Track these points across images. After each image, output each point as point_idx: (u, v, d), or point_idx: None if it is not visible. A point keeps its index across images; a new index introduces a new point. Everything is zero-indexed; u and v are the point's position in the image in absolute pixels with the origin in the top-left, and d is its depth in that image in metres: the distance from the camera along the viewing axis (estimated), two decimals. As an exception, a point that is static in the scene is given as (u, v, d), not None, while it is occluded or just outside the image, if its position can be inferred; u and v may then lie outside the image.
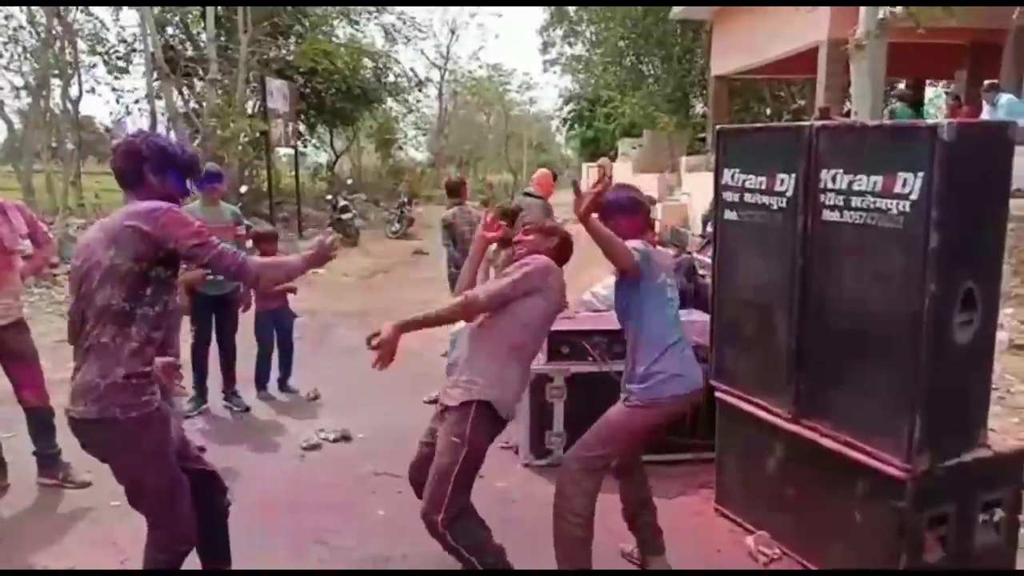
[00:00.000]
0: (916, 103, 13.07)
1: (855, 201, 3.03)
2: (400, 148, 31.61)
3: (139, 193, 2.62)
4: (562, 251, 3.31)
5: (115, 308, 2.45)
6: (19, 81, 16.91)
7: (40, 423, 4.17)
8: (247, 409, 5.57)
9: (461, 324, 6.05)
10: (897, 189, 2.85)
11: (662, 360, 3.01)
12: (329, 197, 18.70)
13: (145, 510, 2.63)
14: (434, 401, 5.63)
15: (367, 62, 22.66)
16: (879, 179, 2.92)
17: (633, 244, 2.97)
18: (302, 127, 21.73)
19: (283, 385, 6.05)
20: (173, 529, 2.64)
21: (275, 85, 16.53)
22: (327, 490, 4.26)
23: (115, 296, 2.44)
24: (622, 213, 3.15)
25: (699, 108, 24.28)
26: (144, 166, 2.62)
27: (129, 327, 2.46)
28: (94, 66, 18.04)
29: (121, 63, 18.34)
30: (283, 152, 20.08)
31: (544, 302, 3.06)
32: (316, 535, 3.71)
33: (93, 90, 18.65)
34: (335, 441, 4.96)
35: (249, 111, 16.95)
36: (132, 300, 2.46)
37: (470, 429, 2.91)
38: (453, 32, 41.28)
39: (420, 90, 27.03)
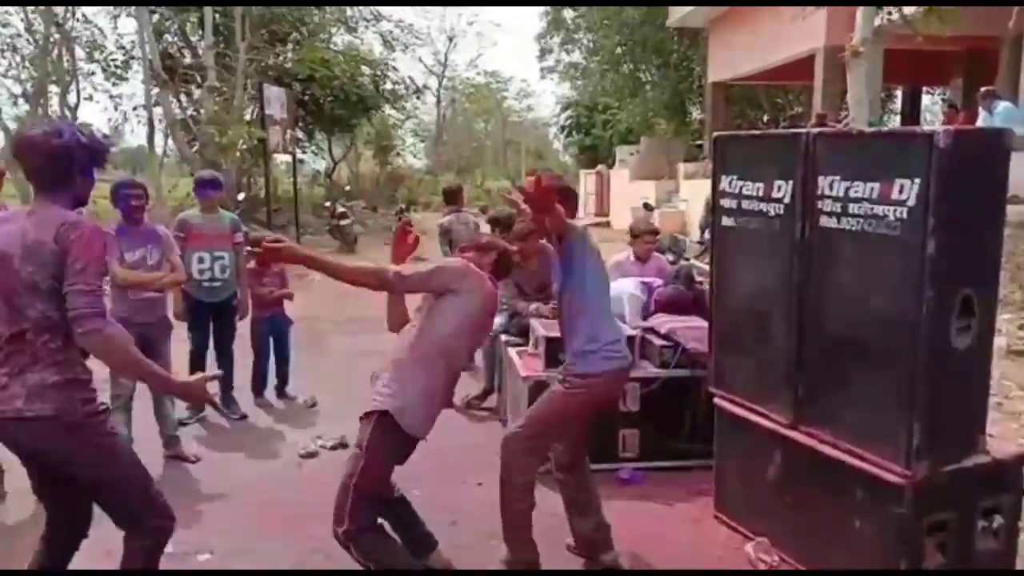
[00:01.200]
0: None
1: (852, 208, 3.03)
2: (398, 155, 31.67)
3: (58, 196, 2.47)
4: (500, 265, 3.34)
5: (53, 320, 2.40)
6: (17, 89, 16.96)
7: None
8: (244, 417, 5.56)
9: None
10: (894, 196, 2.86)
11: (597, 340, 3.21)
12: (327, 204, 18.71)
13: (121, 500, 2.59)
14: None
15: (365, 69, 22.71)
16: (876, 186, 2.93)
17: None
18: (300, 134, 21.75)
19: (280, 392, 6.04)
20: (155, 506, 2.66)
21: (273, 92, 16.55)
22: (325, 498, 4.24)
23: (50, 310, 2.39)
24: (563, 198, 3.28)
25: (696, 115, 24.36)
26: (74, 166, 2.47)
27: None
28: (92, 73, 18.10)
29: (119, 70, 18.36)
30: (281, 159, 20.10)
31: (459, 311, 2.99)
32: (314, 543, 3.69)
33: (91, 97, 18.71)
34: (333, 449, 4.94)
35: (247, 118, 16.98)
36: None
37: (368, 440, 2.90)
38: (451, 40, 41.44)
39: (418, 97, 27.13)
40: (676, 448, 4.42)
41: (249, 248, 5.84)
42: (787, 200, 3.33)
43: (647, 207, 16.19)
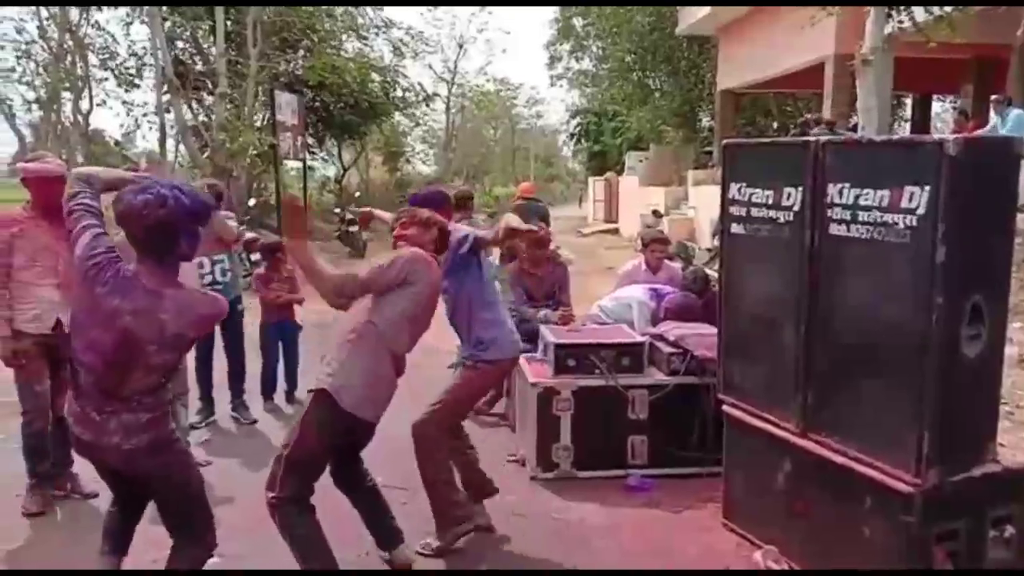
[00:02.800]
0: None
1: (862, 215, 3.03)
2: (407, 161, 31.75)
3: (166, 263, 2.56)
4: (441, 241, 3.48)
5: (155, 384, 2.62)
6: (31, 95, 17.11)
7: (66, 432, 4.17)
8: (254, 422, 5.58)
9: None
10: (904, 203, 2.86)
11: (494, 330, 3.69)
12: (337, 210, 18.76)
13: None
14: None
15: (375, 76, 22.78)
16: (886, 193, 2.93)
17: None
18: (310, 140, 21.84)
19: (290, 397, 6.06)
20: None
21: (284, 99, 16.60)
22: (333, 502, 4.25)
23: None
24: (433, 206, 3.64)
25: (706, 122, 24.35)
26: (179, 235, 2.54)
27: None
28: (105, 80, 18.22)
29: (132, 77, 18.48)
30: (292, 165, 20.17)
31: (407, 300, 3.14)
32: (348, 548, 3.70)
33: (104, 102, 18.86)
34: (342, 453, 4.95)
35: (258, 124, 17.06)
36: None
37: (304, 415, 3.06)
38: (461, 47, 41.52)
39: (427, 104, 27.16)
40: (685, 455, 4.42)
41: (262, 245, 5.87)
42: (796, 207, 3.34)
43: (656, 214, 16.20)
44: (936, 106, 21.80)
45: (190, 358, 5.23)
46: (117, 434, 2.57)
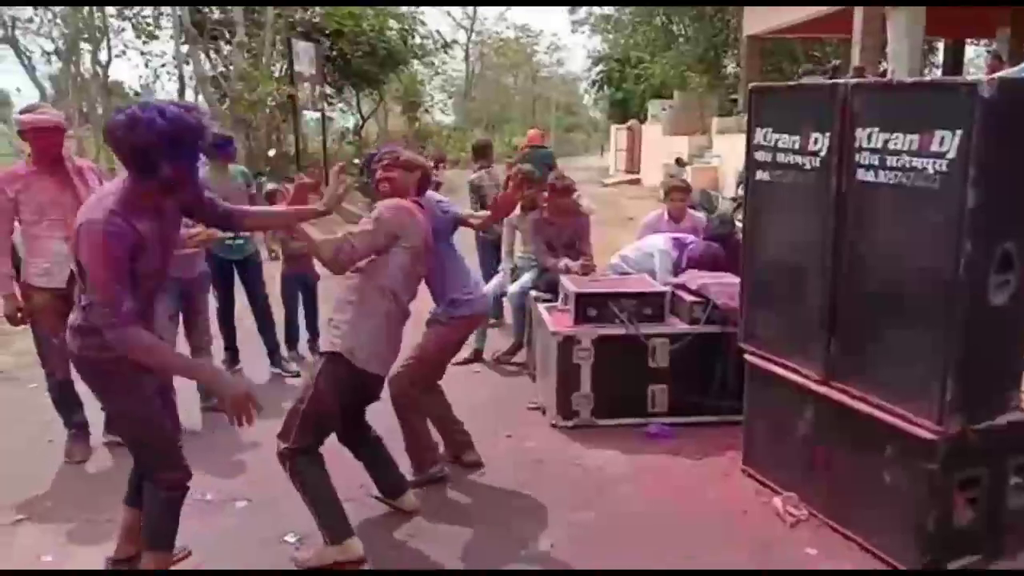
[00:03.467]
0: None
1: (890, 160, 2.97)
2: (426, 111, 31.50)
3: (142, 183, 2.51)
4: (423, 183, 3.52)
5: None
6: (50, 46, 17.09)
7: None
8: (298, 374, 5.57)
9: (489, 286, 6.08)
10: (934, 147, 2.79)
11: (467, 290, 3.86)
12: (356, 161, 18.71)
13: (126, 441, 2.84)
14: (461, 363, 5.73)
15: (393, 24, 22.51)
16: (915, 137, 2.86)
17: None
18: (329, 90, 21.69)
19: (313, 346, 6.11)
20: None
21: (302, 48, 16.48)
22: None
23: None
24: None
25: (731, 68, 23.87)
26: (158, 157, 2.46)
27: None
28: (123, 30, 18.12)
29: (150, 27, 18.37)
30: (310, 116, 20.09)
31: (401, 256, 3.20)
32: (344, 492, 3.78)
33: (124, 53, 18.72)
34: (365, 402, 5.02)
35: (276, 74, 16.95)
36: None
37: (318, 374, 3.14)
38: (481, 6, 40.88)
39: (446, 52, 26.86)
40: (705, 404, 4.43)
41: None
42: (823, 153, 3.27)
43: (679, 163, 16.02)
44: (970, 51, 21.17)
45: (212, 309, 5.31)
46: (71, 339, 2.63)
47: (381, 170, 3.47)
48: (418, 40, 24.02)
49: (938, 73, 21.35)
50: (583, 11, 30.10)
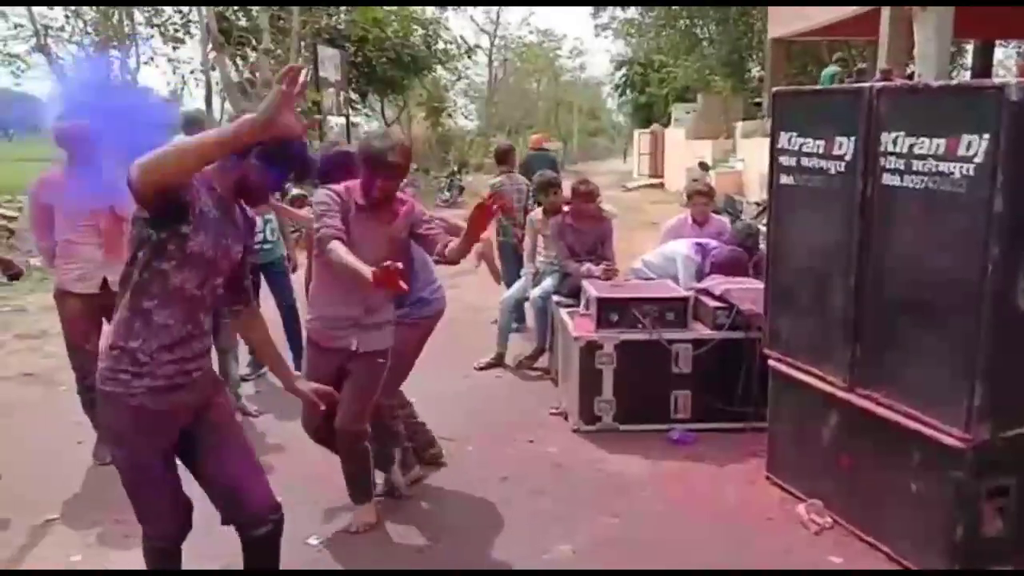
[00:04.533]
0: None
1: (916, 165, 2.94)
2: (449, 116, 31.59)
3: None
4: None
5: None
6: (80, 53, 17.36)
7: None
8: None
9: (512, 291, 6.11)
10: (961, 152, 2.76)
11: (433, 288, 3.87)
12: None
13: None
14: (484, 367, 5.74)
15: (417, 29, 22.62)
16: (942, 142, 2.83)
17: None
18: (353, 96, 21.84)
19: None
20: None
21: (327, 54, 16.62)
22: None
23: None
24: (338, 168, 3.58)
25: (755, 71, 23.70)
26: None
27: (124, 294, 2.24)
28: (151, 37, 18.37)
29: (177, 33, 18.60)
30: (335, 121, 20.24)
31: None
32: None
33: (152, 59, 18.97)
34: (388, 405, 5.04)
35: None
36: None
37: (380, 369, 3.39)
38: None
39: (470, 57, 26.91)
40: (729, 410, 4.40)
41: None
42: (849, 157, 3.25)
43: (703, 166, 15.94)
44: (999, 52, 20.89)
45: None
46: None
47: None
48: (442, 46, 24.11)
49: (967, 75, 21.07)
50: (606, 15, 30.05)
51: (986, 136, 2.67)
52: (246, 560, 2.54)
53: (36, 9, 16.27)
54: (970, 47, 20.52)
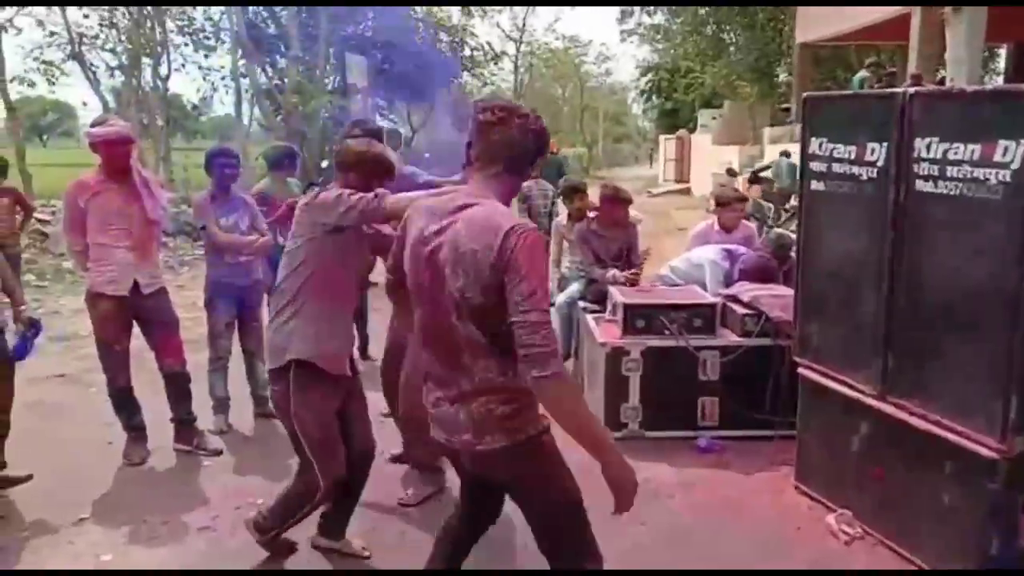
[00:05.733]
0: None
1: (951, 171, 2.90)
2: (476, 122, 31.59)
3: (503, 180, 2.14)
4: None
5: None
6: (114, 61, 17.67)
7: (180, 388, 4.35)
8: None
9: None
10: (997, 158, 2.72)
11: None
12: (407, 172, 18.89)
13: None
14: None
15: (443, 36, 22.74)
16: (977, 147, 2.79)
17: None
18: (381, 102, 21.97)
19: (363, 354, 6.19)
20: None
21: (354, 61, 16.74)
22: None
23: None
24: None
25: (783, 77, 23.54)
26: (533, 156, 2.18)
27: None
28: (185, 45, 18.64)
29: (208, 40, 18.83)
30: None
31: None
32: (395, 499, 3.81)
33: (183, 66, 19.26)
34: (413, 410, 5.05)
35: (329, 87, 17.25)
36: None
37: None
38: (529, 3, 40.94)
39: (496, 63, 26.97)
40: (757, 418, 4.36)
41: None
42: (881, 163, 3.21)
43: (730, 172, 15.85)
44: (1032, 56, 20.51)
45: (264, 315, 5.41)
46: (468, 431, 2.13)
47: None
48: (468, 52, 24.21)
49: (999, 80, 20.75)
50: (633, 20, 30.01)
51: (1023, 141, 2.62)
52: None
53: (71, 17, 16.59)
54: (1003, 51, 20.22)
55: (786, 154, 13.23)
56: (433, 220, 2.10)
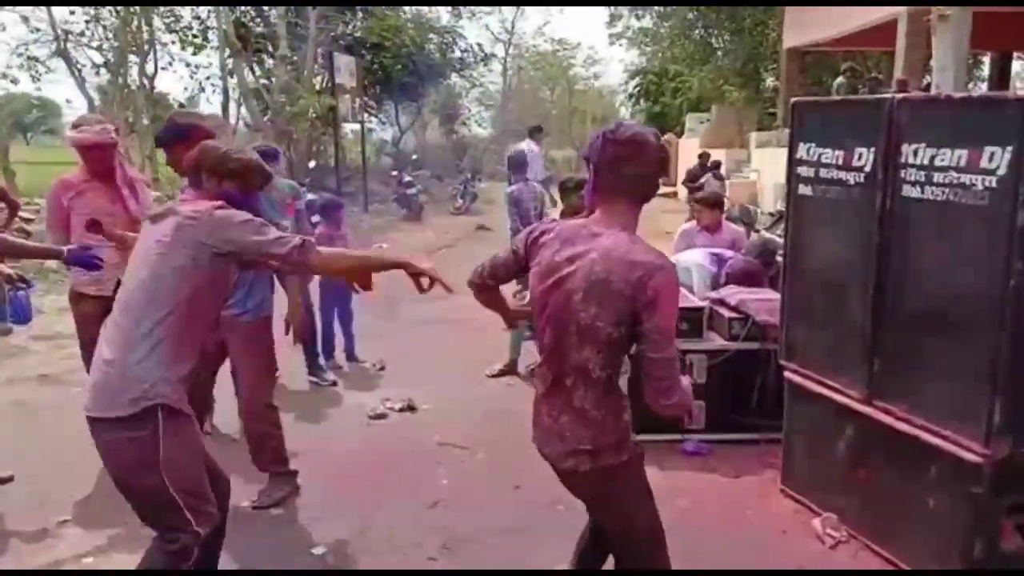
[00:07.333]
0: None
1: (937, 177, 2.91)
2: (463, 124, 31.67)
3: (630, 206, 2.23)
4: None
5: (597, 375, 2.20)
6: (99, 59, 17.54)
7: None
8: (334, 383, 5.64)
9: (525, 300, 6.08)
10: (983, 164, 2.73)
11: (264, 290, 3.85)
12: (394, 173, 18.89)
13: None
14: (496, 375, 5.73)
15: (433, 37, 22.74)
16: (964, 153, 2.81)
17: None
18: (369, 103, 21.94)
19: (350, 355, 6.17)
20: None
21: (343, 61, 16.70)
22: (392, 459, 4.35)
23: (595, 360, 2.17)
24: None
25: (770, 82, 23.68)
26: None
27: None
28: (172, 43, 18.53)
29: (196, 38, 18.73)
30: (350, 128, 20.32)
31: None
32: (381, 500, 3.80)
33: (170, 65, 19.19)
34: (401, 411, 5.05)
35: (317, 87, 17.20)
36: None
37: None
38: (519, 6, 40.96)
39: (485, 65, 27.02)
40: (743, 421, 4.37)
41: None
42: (868, 168, 3.22)
43: (717, 177, 15.90)
44: (1016, 65, 20.76)
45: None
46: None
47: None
48: (457, 54, 24.22)
49: (984, 87, 20.95)
50: (621, 24, 30.06)
51: (1009, 148, 2.64)
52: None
53: (57, 14, 16.45)
54: (986, 59, 20.41)
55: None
56: (567, 247, 2.17)
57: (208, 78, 19.18)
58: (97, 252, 3.98)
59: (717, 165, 15.40)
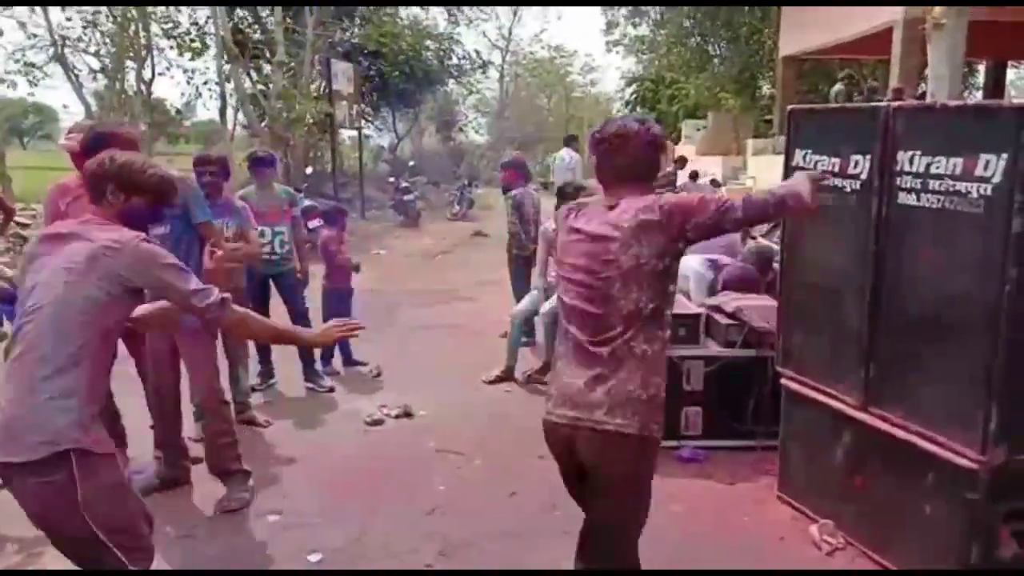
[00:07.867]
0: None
1: (933, 184, 2.93)
2: (460, 130, 31.72)
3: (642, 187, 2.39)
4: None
5: (646, 312, 2.29)
6: (96, 64, 17.52)
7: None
8: (331, 389, 5.63)
9: (522, 305, 6.10)
10: (978, 172, 2.75)
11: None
12: (391, 179, 18.90)
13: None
14: (492, 381, 5.73)
15: (430, 44, 22.78)
16: (959, 161, 2.82)
17: None
18: (366, 109, 21.95)
19: (347, 361, 6.16)
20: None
21: (340, 67, 16.72)
22: (389, 465, 4.35)
23: (643, 299, 2.28)
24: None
25: (766, 89, 23.76)
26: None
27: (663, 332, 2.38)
28: (170, 48, 18.51)
29: (193, 43, 18.71)
30: (347, 134, 20.33)
31: None
32: (378, 506, 3.79)
33: (169, 69, 19.14)
34: (397, 417, 5.04)
35: (314, 93, 17.21)
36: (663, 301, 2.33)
37: None
38: (516, 13, 41.07)
39: (482, 72, 27.07)
40: (740, 428, 4.37)
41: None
42: (864, 176, 3.24)
43: (714, 183, 15.96)
44: (1011, 73, 20.88)
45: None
46: (601, 408, 2.35)
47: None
48: (455, 60, 24.27)
49: (978, 95, 21.05)
50: (618, 32, 30.16)
51: (1004, 156, 2.66)
52: None
53: (54, 19, 16.46)
54: (981, 67, 20.52)
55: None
56: (594, 215, 2.38)
57: (205, 83, 19.15)
58: None
59: (695, 175, 15.50)
